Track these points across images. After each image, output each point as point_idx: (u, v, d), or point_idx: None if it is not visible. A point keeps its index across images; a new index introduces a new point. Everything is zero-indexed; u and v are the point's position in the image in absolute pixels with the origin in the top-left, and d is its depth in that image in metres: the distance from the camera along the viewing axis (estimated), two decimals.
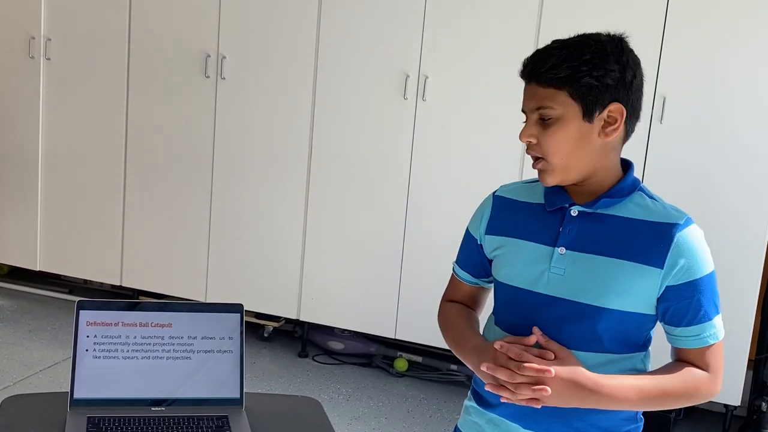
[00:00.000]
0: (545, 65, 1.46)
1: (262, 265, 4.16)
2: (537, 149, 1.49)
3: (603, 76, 1.44)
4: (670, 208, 1.51)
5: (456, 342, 1.66)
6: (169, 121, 4.21)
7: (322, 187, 4.01)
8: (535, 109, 1.48)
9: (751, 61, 3.33)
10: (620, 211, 1.50)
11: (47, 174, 4.47)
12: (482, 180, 3.81)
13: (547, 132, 1.47)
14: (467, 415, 1.70)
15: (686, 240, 1.46)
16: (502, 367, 1.45)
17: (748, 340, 3.42)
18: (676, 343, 1.53)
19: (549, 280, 1.51)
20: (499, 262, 1.61)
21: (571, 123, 1.46)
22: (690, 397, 1.51)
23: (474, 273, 1.71)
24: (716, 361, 1.50)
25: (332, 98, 3.92)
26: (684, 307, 1.47)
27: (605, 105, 1.46)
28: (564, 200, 1.54)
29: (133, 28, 4.19)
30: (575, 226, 1.51)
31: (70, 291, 4.79)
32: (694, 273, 1.46)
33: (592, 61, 1.44)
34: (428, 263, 3.84)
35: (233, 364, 1.79)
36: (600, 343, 1.50)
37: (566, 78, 1.44)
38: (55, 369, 3.86)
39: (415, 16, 3.73)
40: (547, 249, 1.52)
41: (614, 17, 3.38)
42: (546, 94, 1.46)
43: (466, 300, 1.75)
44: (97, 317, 1.75)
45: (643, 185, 1.55)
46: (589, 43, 1.46)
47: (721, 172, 3.41)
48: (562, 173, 1.50)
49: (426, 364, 4.14)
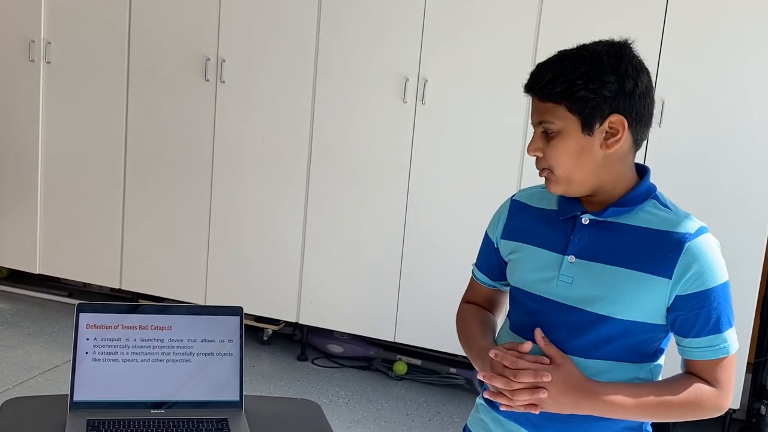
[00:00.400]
0: (543, 80, 1.46)
1: (262, 269, 4.16)
2: (543, 162, 1.50)
3: (599, 88, 1.43)
4: (683, 217, 1.50)
5: (466, 344, 1.68)
6: (168, 124, 4.21)
7: (321, 190, 4.01)
8: (538, 123, 1.49)
9: (750, 64, 3.33)
10: (631, 220, 1.50)
11: (47, 177, 4.47)
12: (481, 183, 3.83)
13: (550, 145, 1.48)
14: (476, 412, 1.71)
15: (698, 249, 1.45)
16: (499, 375, 1.45)
17: (747, 343, 3.42)
18: (684, 354, 1.51)
19: (558, 287, 1.52)
20: (513, 267, 1.63)
21: (571, 136, 1.46)
22: (693, 411, 1.48)
23: (491, 275, 1.73)
24: (725, 375, 1.48)
25: (332, 101, 3.92)
26: (692, 318, 1.46)
27: (605, 117, 1.45)
28: (576, 208, 1.54)
29: (132, 32, 4.20)
30: (585, 234, 1.52)
31: (69, 294, 4.79)
32: (704, 283, 1.44)
33: (587, 74, 1.43)
34: (428, 266, 3.84)
35: (233, 367, 1.80)
36: (606, 352, 1.50)
37: (562, 92, 1.44)
38: (55, 372, 3.86)
39: (415, 20, 3.73)
40: (557, 257, 1.53)
41: (613, 22, 3.39)
42: (546, 109, 1.47)
43: (484, 302, 1.77)
44: (97, 320, 1.76)
45: (658, 192, 1.54)
46: (585, 56, 1.46)
47: (719, 176, 3.41)
48: (566, 184, 1.50)
49: (425, 367, 4.14)
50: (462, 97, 3.73)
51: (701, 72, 3.39)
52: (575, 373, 1.45)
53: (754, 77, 3.33)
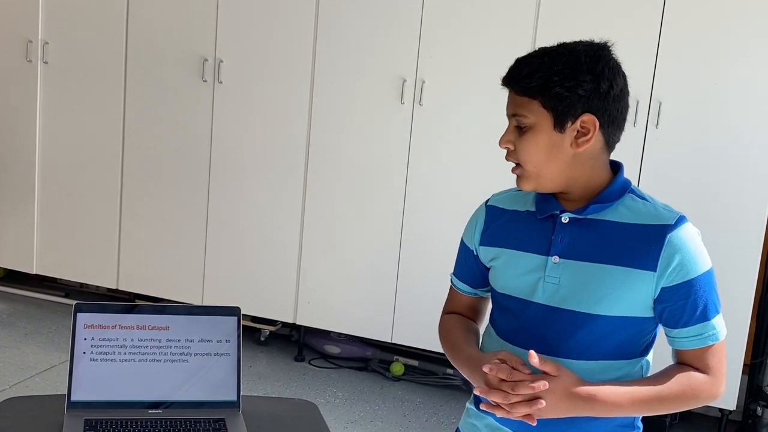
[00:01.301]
0: (520, 74, 1.48)
1: (259, 269, 4.16)
2: (514, 155, 1.52)
3: (574, 86, 1.44)
4: (661, 209, 1.51)
5: (451, 354, 1.67)
6: (166, 124, 4.21)
7: (319, 191, 4.01)
8: (512, 115, 1.51)
9: (746, 65, 3.34)
10: (611, 216, 1.50)
11: (44, 177, 4.47)
12: (478, 184, 3.83)
13: (522, 139, 1.49)
14: (467, 416, 1.70)
15: (679, 239, 1.46)
16: (495, 390, 1.43)
17: (743, 344, 3.43)
18: (674, 344, 1.52)
19: (544, 289, 1.52)
20: (495, 273, 1.61)
21: (542, 132, 1.47)
22: (688, 400, 1.49)
23: (472, 283, 1.71)
24: (717, 362, 1.49)
25: (329, 102, 3.93)
26: (680, 308, 1.47)
27: (577, 116, 1.46)
28: (554, 207, 1.54)
29: (130, 32, 4.20)
30: (566, 233, 1.52)
31: (66, 294, 4.79)
32: (688, 272, 1.45)
33: (563, 71, 1.44)
34: (425, 267, 3.85)
35: (230, 367, 1.80)
36: (598, 351, 1.50)
37: (537, 87, 1.45)
38: (52, 372, 3.86)
39: (412, 21, 3.74)
40: (541, 258, 1.53)
41: (611, 24, 3.39)
42: (521, 102, 1.49)
43: (466, 311, 1.75)
44: (95, 320, 1.76)
45: (634, 186, 1.55)
46: (563, 53, 1.47)
47: (716, 176, 3.42)
48: (536, 180, 1.51)
49: (422, 368, 4.14)
50: (459, 98, 3.73)
51: (698, 73, 3.40)
52: (572, 379, 1.44)
53: (750, 79, 3.34)
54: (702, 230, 1.53)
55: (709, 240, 1.53)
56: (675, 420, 3.75)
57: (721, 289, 1.52)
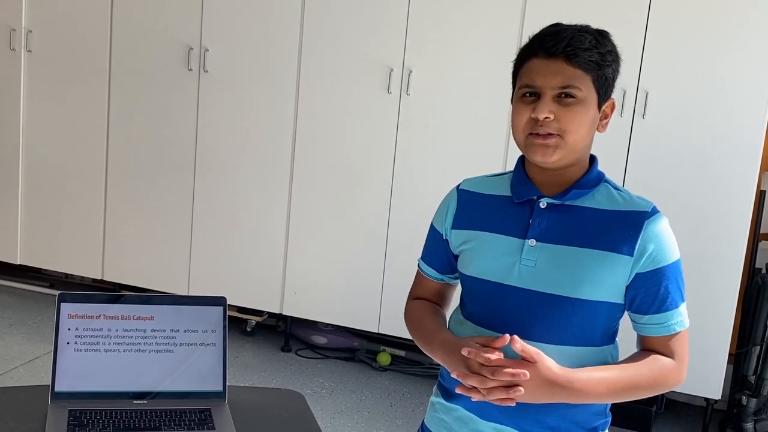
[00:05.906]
0: (581, 45, 1.44)
1: (245, 260, 4.15)
2: (553, 125, 1.45)
3: (616, 70, 1.50)
4: (636, 198, 1.52)
5: (423, 339, 1.66)
6: (151, 114, 4.18)
7: (305, 180, 4.00)
8: (558, 86, 1.45)
9: (734, 56, 3.35)
10: (588, 202, 1.51)
11: (28, 167, 4.43)
12: (466, 174, 3.80)
13: (569, 110, 1.45)
14: (433, 411, 1.68)
15: (655, 227, 1.48)
16: (474, 374, 1.42)
17: (728, 334, 3.45)
18: (642, 331, 1.53)
19: (520, 272, 1.51)
20: (468, 257, 1.59)
21: (590, 107, 1.48)
22: (658, 386, 1.51)
23: (439, 269, 1.71)
24: (682, 349, 1.52)
25: (316, 92, 3.91)
26: (652, 295, 1.48)
27: (608, 98, 1.51)
28: (532, 192, 1.54)
29: (115, 21, 4.16)
30: (545, 218, 1.52)
31: (50, 285, 4.76)
32: (661, 260, 1.47)
33: (612, 53, 1.49)
34: (412, 257, 3.81)
35: (216, 357, 1.79)
36: (571, 336, 1.49)
37: (595, 64, 1.46)
38: (36, 363, 3.84)
39: (400, 10, 3.72)
40: (518, 241, 1.52)
41: (598, 12, 3.39)
42: (575, 74, 1.45)
43: (432, 296, 1.76)
44: (79, 310, 1.74)
45: (608, 177, 1.57)
46: (607, 36, 1.50)
47: (701, 167, 3.42)
48: (566, 152, 1.47)
49: (409, 358, 4.15)
50: (447, 87, 3.72)
51: (685, 64, 3.40)
52: (551, 366, 1.43)
53: (738, 69, 3.35)
54: (688, 220, 1.53)
55: (694, 230, 1.54)
56: (660, 409, 3.77)
57: (706, 279, 1.53)
